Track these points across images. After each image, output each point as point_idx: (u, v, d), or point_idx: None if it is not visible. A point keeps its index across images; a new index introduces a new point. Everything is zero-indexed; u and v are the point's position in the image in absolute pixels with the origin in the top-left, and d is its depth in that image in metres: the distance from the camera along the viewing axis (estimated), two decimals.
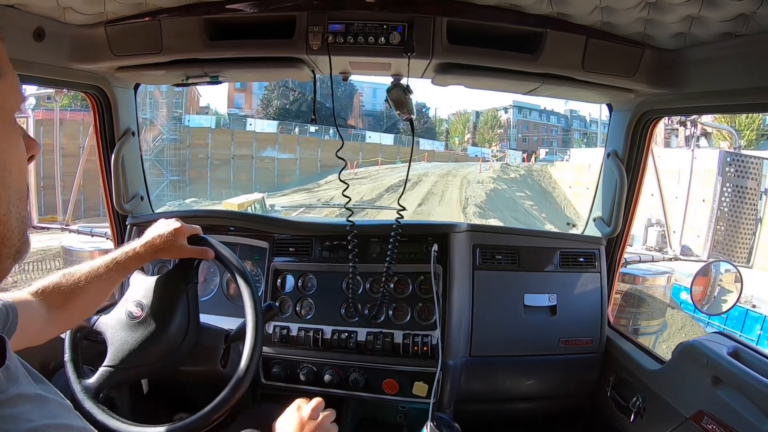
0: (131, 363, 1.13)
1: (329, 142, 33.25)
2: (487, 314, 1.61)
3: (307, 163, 33.10)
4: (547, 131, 48.23)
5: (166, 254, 1.17)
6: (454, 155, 42.10)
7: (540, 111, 47.63)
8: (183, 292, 1.20)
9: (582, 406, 1.76)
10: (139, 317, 1.15)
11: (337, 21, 1.29)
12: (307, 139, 34.15)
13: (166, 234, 1.15)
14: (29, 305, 0.94)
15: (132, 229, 1.76)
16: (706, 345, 1.26)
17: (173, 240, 1.15)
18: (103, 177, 1.78)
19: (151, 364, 1.15)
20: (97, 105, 1.68)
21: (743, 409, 1.10)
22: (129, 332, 1.14)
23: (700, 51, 1.21)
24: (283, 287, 1.65)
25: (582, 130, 48.33)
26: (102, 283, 1.07)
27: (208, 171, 30.20)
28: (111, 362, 1.13)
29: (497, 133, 47.56)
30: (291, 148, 33.33)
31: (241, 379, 1.10)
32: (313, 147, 33.50)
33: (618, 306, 3.10)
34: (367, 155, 33.98)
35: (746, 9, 0.98)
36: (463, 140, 48.11)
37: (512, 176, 27.26)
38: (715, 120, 8.19)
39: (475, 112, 49.67)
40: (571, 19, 1.24)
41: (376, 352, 1.54)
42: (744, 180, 4.63)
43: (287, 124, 35.21)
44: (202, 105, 36.66)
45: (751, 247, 4.45)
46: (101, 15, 1.31)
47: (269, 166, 32.19)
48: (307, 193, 23.75)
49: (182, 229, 1.18)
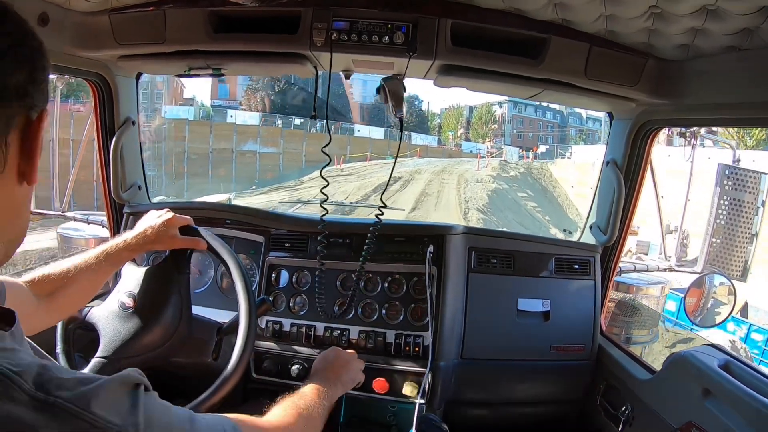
0: (124, 353, 1.12)
1: (315, 135, 31.28)
2: (480, 317, 1.61)
3: (291, 158, 31.39)
4: (543, 127, 47.60)
5: (158, 245, 1.18)
6: (448, 151, 40.84)
7: (535, 106, 46.85)
8: (175, 283, 1.19)
9: (571, 413, 1.77)
10: (131, 308, 1.15)
11: (342, 18, 1.29)
12: (291, 132, 32.58)
13: (157, 225, 1.16)
14: (19, 290, 0.94)
15: (128, 218, 1.76)
16: (697, 357, 1.27)
17: (165, 231, 1.16)
18: (102, 165, 1.77)
19: (143, 354, 1.14)
20: (98, 93, 1.68)
21: (732, 422, 1.10)
22: (121, 323, 1.14)
23: (703, 63, 1.21)
24: (277, 282, 1.65)
25: (579, 126, 47.85)
26: (93, 274, 1.07)
27: (185, 166, 27.56)
28: (104, 353, 1.12)
29: (491, 129, 46.78)
30: (274, 141, 31.59)
31: (232, 372, 1.10)
32: (298, 140, 31.85)
33: (611, 314, 3.11)
34: (356, 149, 32.31)
35: (750, 23, 0.98)
36: (456, 135, 47.15)
37: (512, 174, 25.95)
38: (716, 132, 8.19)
39: (469, 107, 48.77)
40: (575, 26, 1.25)
41: (367, 350, 1.54)
42: (742, 194, 4.64)
43: (270, 115, 33.60)
44: (186, 96, 34.58)
45: (746, 261, 4.46)
46: (106, 2, 1.31)
47: (251, 161, 30.21)
48: (287, 192, 21.70)
49: (174, 219, 1.18)
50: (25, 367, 0.49)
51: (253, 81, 36.02)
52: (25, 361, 0.50)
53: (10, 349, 0.51)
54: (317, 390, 1.09)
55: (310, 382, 1.13)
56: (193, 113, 31.61)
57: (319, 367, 1.27)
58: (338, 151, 30.34)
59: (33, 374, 0.49)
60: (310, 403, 1.03)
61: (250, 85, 36.31)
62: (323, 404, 1.07)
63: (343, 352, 1.34)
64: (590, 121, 47.06)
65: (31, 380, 0.48)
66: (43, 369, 0.50)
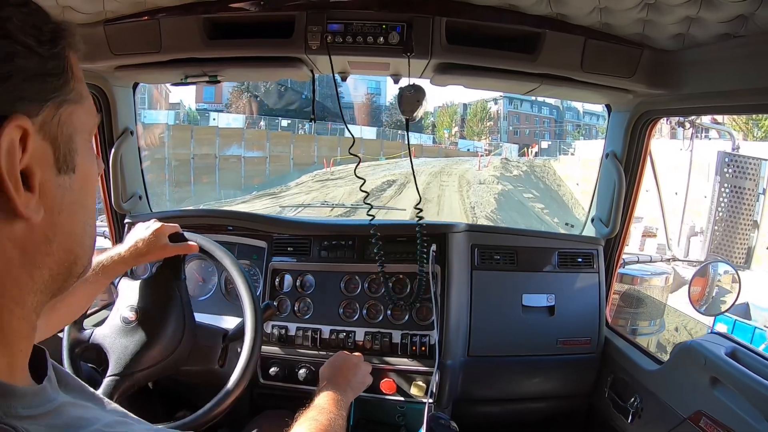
0: (136, 368, 1.13)
1: (303, 137, 30.26)
2: (486, 314, 1.61)
3: (278, 162, 29.47)
4: (540, 123, 46.90)
5: (149, 257, 1.18)
6: (444, 150, 39.52)
7: (531, 102, 46.07)
8: (173, 290, 1.20)
9: (580, 407, 1.77)
10: (134, 321, 1.15)
11: (336, 21, 1.29)
12: (278, 134, 30.60)
13: (147, 237, 1.16)
14: None
15: (129, 228, 1.76)
16: (704, 345, 1.26)
17: (155, 241, 1.16)
18: (102, 176, 1.78)
19: (154, 366, 1.15)
20: (96, 104, 1.68)
21: (741, 409, 1.10)
22: (127, 337, 1.14)
23: (698, 52, 1.21)
24: (281, 287, 1.65)
25: (576, 122, 47.11)
26: (90, 286, 1.08)
27: (166, 173, 24.81)
28: (115, 371, 1.12)
29: (487, 126, 45.80)
30: (260, 144, 29.39)
31: (240, 378, 1.10)
32: (285, 143, 30.12)
33: (616, 306, 3.10)
34: (347, 151, 30.13)
35: (745, 10, 0.98)
36: (451, 134, 46.11)
37: (515, 173, 24.10)
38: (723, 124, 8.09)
39: (463, 104, 47.70)
40: (570, 19, 1.25)
41: (374, 351, 1.54)
42: (742, 181, 4.63)
43: (256, 117, 31.88)
44: (172, 101, 32.49)
45: (749, 248, 4.44)
46: (100, 14, 1.31)
47: (235, 166, 27.85)
48: (271, 199, 19.48)
49: (162, 229, 1.19)
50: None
51: (239, 82, 34.47)
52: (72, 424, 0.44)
53: (54, 411, 0.44)
54: (333, 400, 1.07)
55: (322, 391, 1.11)
56: (173, 117, 29.93)
57: (328, 374, 1.24)
58: (328, 153, 29.05)
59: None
60: (330, 416, 1.00)
61: (236, 87, 35.29)
62: (342, 414, 1.05)
63: (350, 356, 1.33)
64: (587, 116, 46.38)
65: None
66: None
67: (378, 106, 44.48)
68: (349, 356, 1.33)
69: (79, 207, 0.49)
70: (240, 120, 30.80)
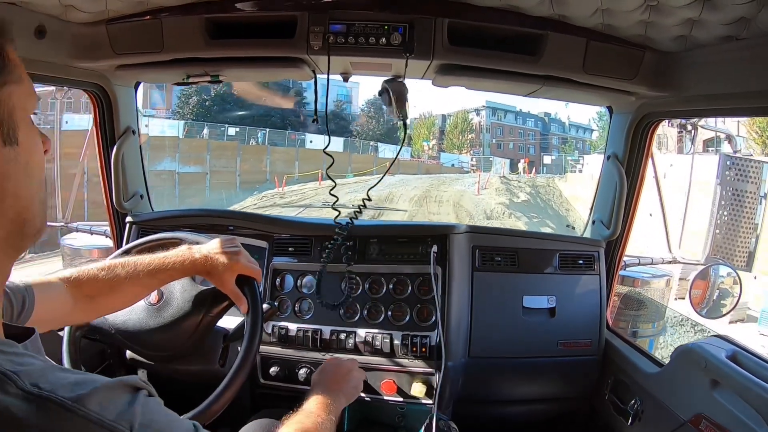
0: (138, 342, 1.16)
1: (252, 148, 25.04)
2: (487, 316, 1.61)
3: (221, 179, 23.36)
4: (524, 135, 43.38)
5: (208, 278, 1.09)
6: (424, 165, 34.81)
7: (516, 113, 42.80)
8: (201, 315, 1.16)
9: (580, 409, 1.76)
10: (155, 304, 1.16)
11: (339, 21, 1.30)
12: (222, 144, 24.85)
13: (218, 260, 1.06)
14: (53, 290, 0.94)
15: (131, 228, 1.76)
16: (705, 348, 1.26)
17: (222, 269, 1.06)
18: (103, 175, 1.78)
19: (153, 351, 1.17)
20: (98, 103, 1.69)
21: (741, 412, 1.10)
22: (144, 315, 1.16)
23: (700, 54, 1.21)
24: (282, 287, 1.65)
25: (561, 134, 43.92)
26: (139, 287, 1.04)
27: (85, 192, 18.36)
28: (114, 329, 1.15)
29: (468, 139, 41.83)
30: (199, 158, 23.01)
31: (236, 375, 1.08)
32: (230, 155, 24.24)
33: (617, 309, 3.10)
34: (306, 165, 24.46)
35: (747, 12, 0.98)
36: (430, 146, 42.59)
37: (522, 199, 19.53)
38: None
39: (442, 116, 43.80)
40: (572, 21, 1.25)
41: (374, 352, 1.54)
42: (744, 184, 4.61)
43: (196, 124, 26.53)
44: None
45: (751, 251, 4.43)
46: (103, 13, 1.31)
47: (167, 184, 21.10)
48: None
49: (239, 266, 1.07)
50: (27, 366, 0.50)
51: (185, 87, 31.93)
52: (28, 364, 0.51)
53: (16, 353, 0.52)
54: (323, 404, 1.04)
55: (312, 395, 1.07)
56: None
57: (319, 378, 1.20)
58: (282, 168, 24.08)
59: (33, 374, 0.50)
60: (318, 420, 0.98)
61: (183, 91, 29.96)
62: (331, 419, 1.02)
63: (343, 362, 1.30)
64: (573, 129, 43.90)
65: (29, 379, 0.49)
66: (45, 370, 0.51)
67: (346, 114, 39.41)
68: (342, 362, 1.29)
69: (24, 176, 0.58)
70: (177, 127, 25.21)
